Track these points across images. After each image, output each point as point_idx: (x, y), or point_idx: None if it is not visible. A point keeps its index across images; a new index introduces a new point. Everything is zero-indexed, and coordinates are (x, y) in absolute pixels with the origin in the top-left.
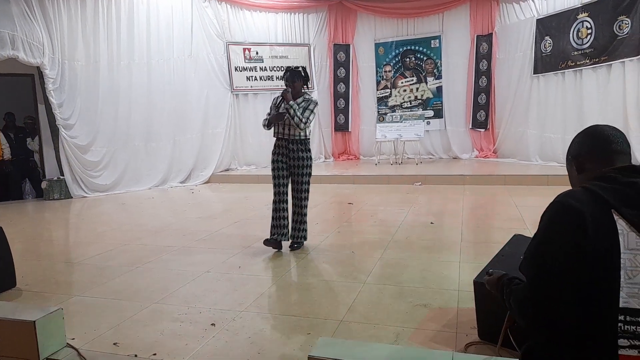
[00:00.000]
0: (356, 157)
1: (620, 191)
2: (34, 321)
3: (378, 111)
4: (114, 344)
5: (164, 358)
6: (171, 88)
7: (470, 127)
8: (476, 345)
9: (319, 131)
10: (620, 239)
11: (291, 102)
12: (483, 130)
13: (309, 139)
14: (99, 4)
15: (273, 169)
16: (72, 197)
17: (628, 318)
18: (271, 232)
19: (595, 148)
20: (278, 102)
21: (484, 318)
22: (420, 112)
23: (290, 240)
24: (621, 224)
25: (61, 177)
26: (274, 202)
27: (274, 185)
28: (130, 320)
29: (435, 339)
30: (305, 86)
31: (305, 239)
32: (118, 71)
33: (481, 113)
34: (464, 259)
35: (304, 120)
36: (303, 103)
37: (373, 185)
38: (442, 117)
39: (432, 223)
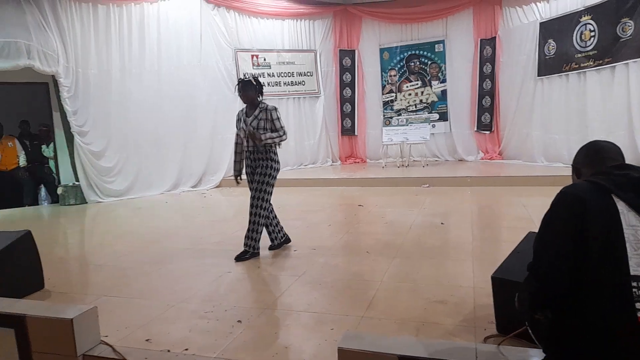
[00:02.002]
0: (363, 161)
1: (616, 180)
2: (72, 319)
3: (384, 115)
4: (146, 340)
5: (196, 353)
6: (181, 95)
7: (475, 129)
8: (495, 338)
9: (325, 135)
10: (622, 218)
11: (264, 136)
12: (488, 132)
13: (272, 148)
14: (110, 14)
15: (248, 182)
16: (87, 203)
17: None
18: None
19: (589, 156)
20: (241, 116)
21: (502, 312)
22: (425, 115)
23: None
24: (621, 205)
25: (76, 183)
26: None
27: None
28: (159, 318)
29: (454, 333)
30: (259, 95)
31: (255, 249)
32: (129, 79)
33: (486, 115)
34: (476, 257)
35: (281, 133)
36: (262, 114)
37: (381, 187)
38: (447, 120)
39: (442, 224)
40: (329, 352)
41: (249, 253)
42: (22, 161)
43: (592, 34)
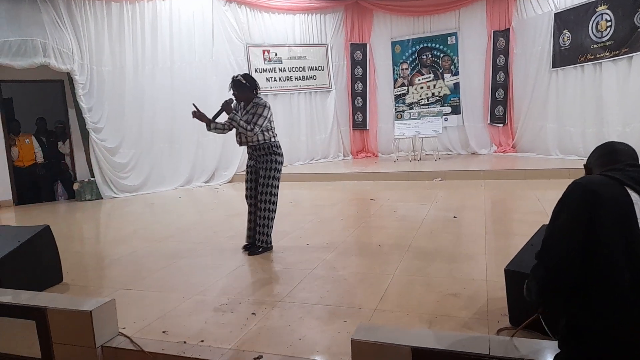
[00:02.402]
0: (374, 155)
1: (629, 174)
2: (91, 311)
3: (396, 109)
4: (163, 332)
5: (212, 344)
6: (193, 91)
7: (489, 122)
8: (508, 330)
9: (337, 130)
10: (636, 208)
11: (230, 115)
12: (501, 125)
13: (273, 142)
14: (124, 11)
15: (246, 180)
16: (102, 198)
17: None
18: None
19: (602, 157)
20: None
21: (515, 305)
22: (437, 108)
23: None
24: (634, 196)
25: (92, 179)
26: (248, 205)
27: (245, 189)
28: (175, 311)
29: (468, 325)
30: (254, 92)
31: (267, 244)
32: (143, 76)
33: (499, 108)
34: (489, 251)
35: (249, 127)
36: (252, 109)
37: (393, 181)
38: (459, 113)
39: (454, 217)
40: (342, 343)
41: (261, 247)
42: (39, 158)
43: (609, 24)
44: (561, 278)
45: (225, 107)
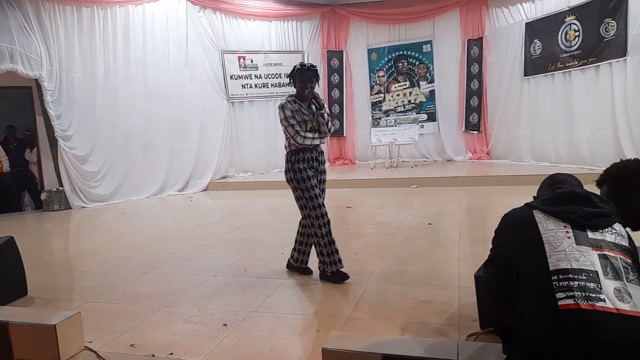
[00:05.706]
0: (351, 162)
1: (542, 198)
2: (55, 325)
3: (372, 116)
4: (131, 345)
5: (181, 357)
6: (168, 97)
7: (464, 129)
8: (478, 336)
9: None
10: (539, 226)
11: (324, 109)
12: (476, 132)
13: None
14: (95, 16)
15: (311, 187)
16: (71, 208)
17: (561, 276)
18: (334, 262)
19: (547, 188)
20: (298, 109)
21: (485, 310)
22: (413, 115)
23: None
24: (539, 216)
25: (60, 188)
26: (322, 225)
27: (318, 206)
28: (144, 323)
29: (439, 331)
30: None
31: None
32: (115, 82)
33: (474, 116)
34: (463, 257)
35: (333, 122)
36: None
37: (370, 188)
38: (435, 121)
39: (430, 224)
40: (314, 353)
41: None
42: (6, 167)
43: (577, 33)
44: (495, 289)
45: (317, 97)
